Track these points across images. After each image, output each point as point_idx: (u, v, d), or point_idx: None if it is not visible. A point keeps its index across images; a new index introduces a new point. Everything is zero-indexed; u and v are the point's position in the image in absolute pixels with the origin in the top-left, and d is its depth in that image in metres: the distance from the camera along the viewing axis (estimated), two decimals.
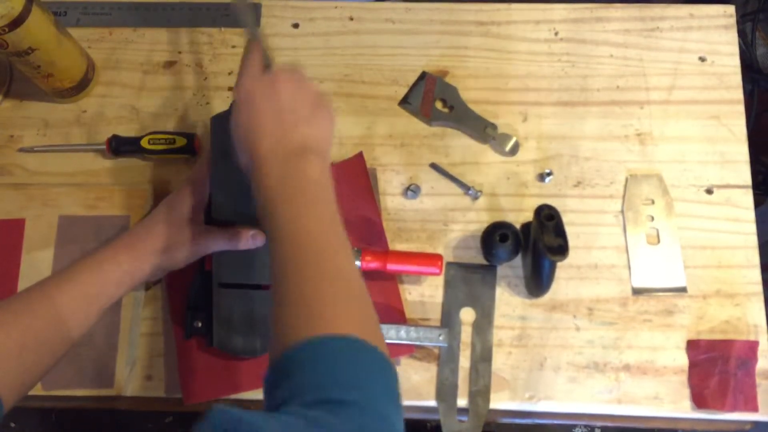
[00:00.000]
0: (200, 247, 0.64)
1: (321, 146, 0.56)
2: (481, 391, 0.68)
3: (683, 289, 0.71)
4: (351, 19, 0.83)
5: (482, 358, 0.69)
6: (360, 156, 0.75)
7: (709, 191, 0.74)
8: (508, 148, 0.76)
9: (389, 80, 0.80)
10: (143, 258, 0.62)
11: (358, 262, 0.67)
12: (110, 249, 0.62)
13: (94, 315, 0.60)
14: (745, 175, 0.75)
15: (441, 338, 0.68)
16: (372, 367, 0.44)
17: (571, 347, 0.69)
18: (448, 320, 0.70)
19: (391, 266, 0.67)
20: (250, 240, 0.65)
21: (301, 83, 0.58)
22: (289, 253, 0.50)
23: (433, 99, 0.78)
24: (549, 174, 0.75)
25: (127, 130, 0.77)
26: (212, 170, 0.67)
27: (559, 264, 0.67)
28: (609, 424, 0.69)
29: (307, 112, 0.57)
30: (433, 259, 0.68)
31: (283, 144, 0.54)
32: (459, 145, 0.77)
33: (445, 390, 0.68)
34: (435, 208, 0.74)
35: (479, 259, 0.72)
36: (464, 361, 0.69)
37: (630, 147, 0.76)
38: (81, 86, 0.78)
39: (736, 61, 0.79)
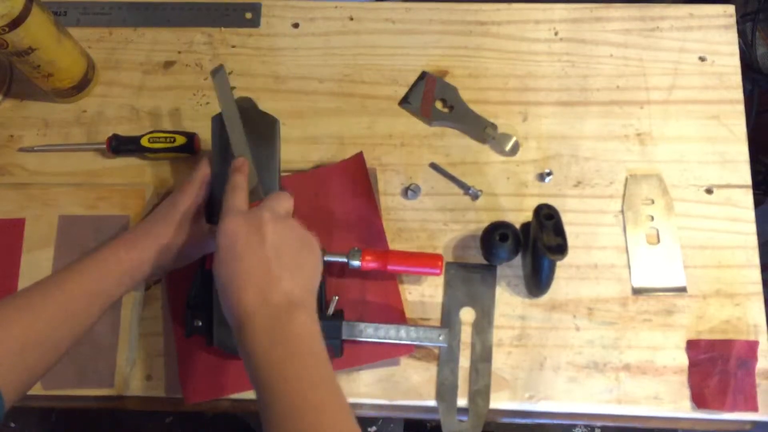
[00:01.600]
0: (202, 246, 0.64)
1: (306, 297, 0.55)
2: (481, 390, 0.68)
3: (683, 289, 0.71)
4: (351, 19, 0.83)
5: (482, 357, 0.69)
6: (360, 156, 0.75)
7: (709, 191, 0.74)
8: (508, 148, 0.76)
9: (389, 80, 0.80)
10: (144, 257, 0.62)
11: (357, 263, 0.67)
12: (111, 247, 0.62)
13: (95, 313, 0.60)
14: (745, 175, 0.75)
15: (441, 338, 0.68)
16: None
17: (571, 347, 0.69)
18: (448, 320, 0.70)
19: (391, 266, 0.67)
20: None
21: (288, 225, 0.57)
22: (284, 417, 0.48)
23: (433, 99, 0.78)
24: (549, 174, 0.75)
25: (126, 130, 0.77)
26: (213, 170, 0.67)
27: (558, 264, 0.67)
28: (609, 423, 0.69)
29: (294, 260, 0.55)
30: (433, 259, 0.68)
31: (268, 299, 0.52)
32: (459, 145, 0.77)
33: (445, 390, 0.68)
34: (435, 208, 0.74)
35: (479, 259, 0.72)
36: (464, 361, 0.69)
37: (630, 147, 0.76)
38: (81, 86, 0.78)
39: (736, 61, 0.79)
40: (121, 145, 0.75)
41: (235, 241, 0.54)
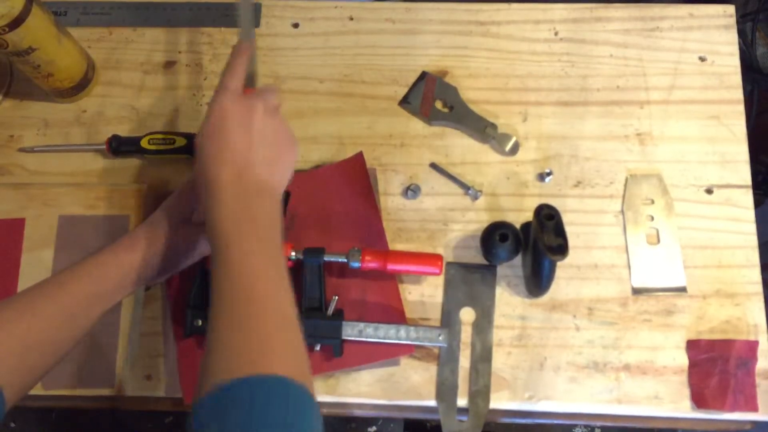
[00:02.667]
0: (201, 248, 0.64)
1: (277, 189, 0.58)
2: (481, 391, 0.68)
3: (683, 289, 0.71)
4: (351, 19, 0.83)
5: (482, 358, 0.69)
6: (360, 156, 0.75)
7: (709, 191, 0.74)
8: (508, 147, 0.76)
9: (389, 80, 0.80)
10: (144, 259, 0.62)
11: (357, 263, 0.67)
12: (112, 250, 0.62)
13: (95, 316, 0.60)
14: (745, 175, 0.75)
15: (441, 338, 0.68)
16: (300, 407, 0.45)
17: (571, 347, 0.69)
18: (448, 320, 0.70)
19: (391, 266, 0.67)
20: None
21: (275, 119, 0.59)
22: (234, 289, 0.51)
23: (433, 99, 0.78)
24: (549, 174, 0.75)
25: (127, 130, 0.77)
26: None
27: (558, 264, 0.67)
28: (609, 424, 0.69)
29: (273, 152, 0.58)
30: (433, 259, 0.68)
31: (243, 178, 0.55)
32: (459, 145, 0.77)
33: (445, 390, 0.68)
34: (435, 208, 0.74)
35: (479, 258, 0.72)
36: (464, 361, 0.69)
37: (630, 147, 0.76)
38: (81, 86, 0.78)
39: (736, 61, 0.79)
40: (120, 146, 0.75)
41: (226, 119, 0.57)
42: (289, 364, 0.47)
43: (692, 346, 0.69)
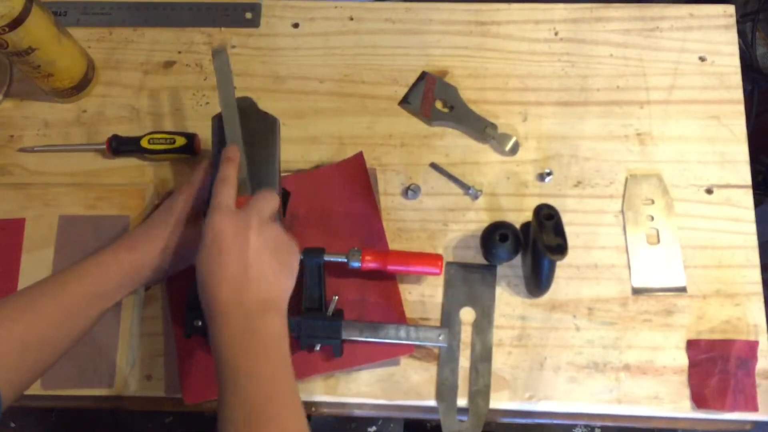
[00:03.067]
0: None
1: (280, 301, 0.58)
2: (481, 390, 0.68)
3: (683, 289, 0.71)
4: (351, 19, 0.83)
5: (482, 357, 0.69)
6: (360, 156, 0.75)
7: (709, 191, 0.74)
8: (508, 147, 0.76)
9: (389, 80, 0.80)
10: (145, 260, 0.62)
11: (357, 263, 0.67)
12: (112, 250, 0.62)
13: (94, 315, 0.60)
14: (745, 175, 0.75)
15: (441, 338, 0.68)
16: None
17: (571, 347, 0.69)
18: (448, 320, 0.70)
19: (391, 266, 0.67)
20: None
21: (272, 230, 0.59)
22: (243, 409, 0.51)
23: (433, 99, 0.78)
24: (549, 174, 0.75)
25: (127, 130, 0.77)
26: (213, 170, 0.67)
27: (558, 264, 0.67)
28: (609, 424, 0.69)
29: (272, 267, 0.57)
30: (433, 259, 0.68)
31: (244, 297, 0.55)
32: (459, 145, 0.77)
33: (445, 390, 0.68)
34: (435, 208, 0.74)
35: (479, 258, 0.72)
36: (464, 361, 0.69)
37: (630, 147, 0.76)
38: (81, 86, 0.78)
39: (736, 61, 0.79)
40: (120, 146, 0.75)
41: (221, 239, 0.56)
42: None
43: (692, 346, 0.69)
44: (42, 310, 0.57)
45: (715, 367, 0.68)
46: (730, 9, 0.82)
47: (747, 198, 0.74)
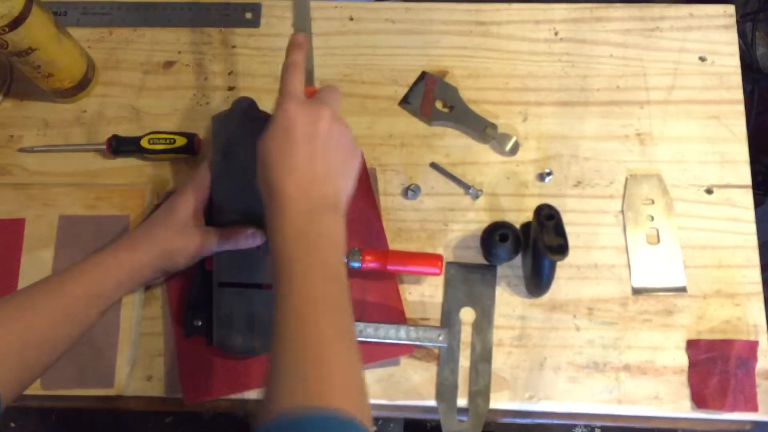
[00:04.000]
0: (201, 249, 0.64)
1: (342, 202, 0.57)
2: (481, 391, 0.68)
3: (683, 289, 0.71)
4: (351, 19, 0.83)
5: (482, 358, 0.69)
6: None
7: (709, 191, 0.74)
8: (508, 147, 0.76)
9: (389, 80, 0.80)
10: (144, 260, 0.62)
11: (357, 263, 0.67)
12: (112, 250, 0.62)
13: (94, 315, 0.60)
14: (745, 175, 0.75)
15: (441, 338, 0.68)
16: None
17: (571, 347, 0.69)
18: (448, 320, 0.70)
19: (391, 266, 0.67)
20: (249, 239, 0.65)
21: (341, 126, 0.57)
22: (296, 310, 0.50)
23: (433, 99, 0.78)
24: (549, 174, 0.75)
25: (127, 130, 0.77)
26: (213, 171, 0.67)
27: (558, 264, 0.67)
28: (609, 424, 0.69)
29: (339, 163, 0.57)
30: (433, 259, 0.68)
31: (310, 193, 0.54)
32: (459, 145, 0.77)
33: (445, 390, 0.68)
34: (435, 208, 0.74)
35: (479, 258, 0.72)
36: (464, 361, 0.69)
37: (630, 147, 0.76)
38: (81, 86, 0.78)
39: (736, 61, 0.79)
40: (120, 146, 0.75)
41: (294, 125, 0.55)
42: (352, 400, 0.46)
43: (692, 346, 0.69)
44: (41, 309, 0.56)
45: (715, 367, 0.68)
46: (730, 9, 0.82)
47: (747, 198, 0.74)
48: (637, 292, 0.71)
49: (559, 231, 0.61)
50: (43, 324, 0.56)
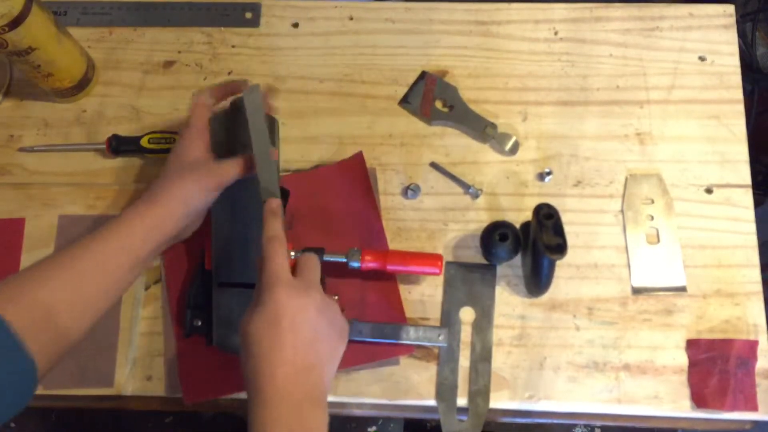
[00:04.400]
0: (218, 180, 0.64)
1: (327, 391, 0.55)
2: (480, 390, 0.68)
3: (683, 289, 0.71)
4: (351, 18, 0.83)
5: (482, 357, 0.69)
6: (360, 156, 0.75)
7: (709, 191, 0.74)
8: (507, 147, 0.76)
9: (389, 80, 0.80)
10: (166, 212, 0.62)
11: (357, 263, 0.67)
12: (133, 207, 0.62)
13: (127, 272, 0.60)
14: (745, 175, 0.75)
15: (441, 338, 0.68)
16: None
17: (570, 347, 0.69)
18: (448, 320, 0.70)
19: (391, 266, 0.67)
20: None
21: (331, 312, 0.56)
22: None
23: (433, 99, 0.78)
24: (549, 173, 0.75)
25: (127, 130, 0.77)
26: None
27: (558, 263, 0.67)
28: (609, 423, 0.69)
29: (328, 351, 0.55)
30: (433, 258, 0.68)
31: (299, 384, 0.52)
32: (459, 145, 0.77)
33: (445, 389, 0.68)
34: (435, 208, 0.74)
35: (479, 258, 0.72)
36: (464, 361, 0.69)
37: (630, 147, 0.76)
38: (81, 86, 0.78)
39: (736, 61, 0.79)
40: (120, 146, 0.75)
41: (283, 315, 0.53)
42: None
43: (692, 345, 0.69)
44: (68, 269, 0.56)
45: (714, 367, 0.67)
46: (730, 9, 0.82)
47: (747, 198, 0.74)
48: (637, 291, 0.71)
49: (558, 230, 0.61)
50: (70, 287, 0.56)
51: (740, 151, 0.76)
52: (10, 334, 0.51)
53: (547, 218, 0.62)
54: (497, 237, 0.67)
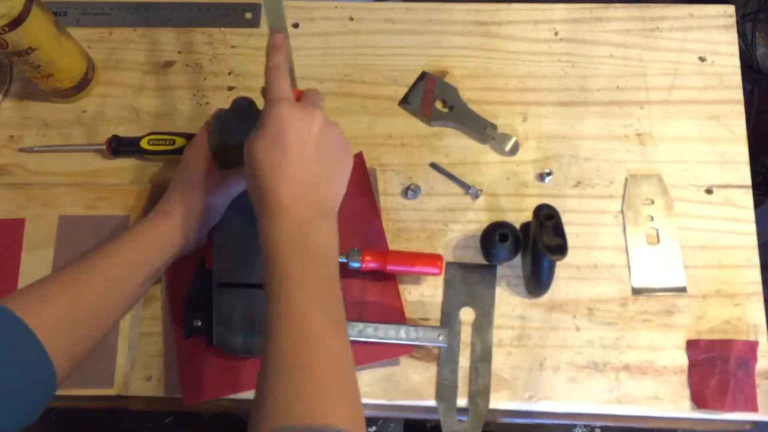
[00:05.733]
0: (228, 191, 0.65)
1: (334, 208, 0.56)
2: (480, 391, 0.68)
3: (683, 289, 0.71)
4: (351, 19, 0.83)
5: (482, 357, 0.69)
6: (360, 156, 0.75)
7: (709, 191, 0.74)
8: (507, 148, 0.76)
9: (389, 80, 0.80)
10: (178, 223, 0.63)
11: (357, 263, 0.67)
12: (148, 219, 0.63)
13: (140, 284, 0.61)
14: (745, 175, 0.75)
15: (441, 338, 0.68)
16: None
17: (570, 347, 0.69)
18: (448, 320, 0.70)
19: (391, 266, 0.67)
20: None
21: (334, 131, 0.57)
22: (292, 330, 0.49)
23: (433, 99, 0.78)
24: (549, 174, 0.75)
25: (127, 130, 0.77)
26: (216, 166, 0.67)
27: (558, 264, 0.67)
28: (609, 424, 0.69)
29: (332, 167, 0.56)
30: (433, 259, 0.68)
31: (304, 199, 0.53)
32: (459, 145, 0.77)
33: (445, 390, 0.68)
34: (435, 208, 0.74)
35: (479, 258, 0.72)
36: (464, 361, 0.69)
37: (630, 147, 0.76)
38: (81, 86, 0.78)
39: (736, 61, 0.79)
40: (120, 147, 0.75)
41: (286, 130, 0.53)
42: (346, 417, 0.45)
43: (692, 346, 0.69)
44: (87, 282, 0.57)
45: (715, 368, 0.67)
46: (730, 9, 0.82)
47: (747, 198, 0.74)
48: (636, 292, 0.71)
49: (558, 231, 0.61)
50: (89, 297, 0.56)
51: (740, 151, 0.76)
52: (35, 340, 0.51)
53: (547, 219, 0.62)
54: (497, 237, 0.67)
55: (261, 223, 0.53)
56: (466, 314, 0.70)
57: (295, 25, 0.83)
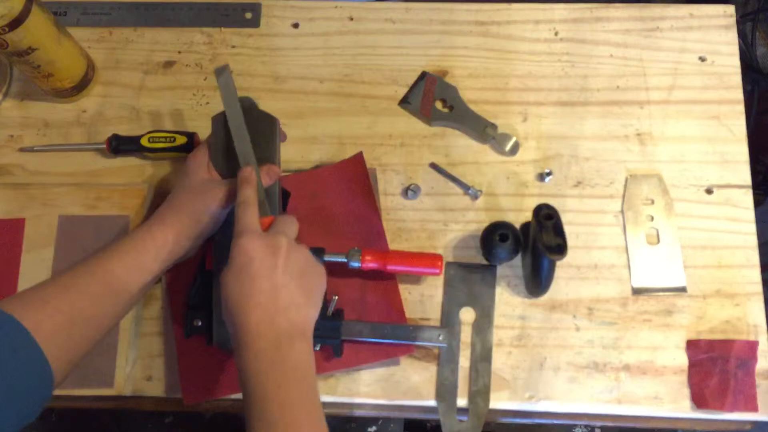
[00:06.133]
0: (223, 203, 0.65)
1: (308, 328, 0.57)
2: (480, 390, 0.68)
3: (683, 289, 0.71)
4: (351, 19, 0.83)
5: (482, 357, 0.69)
6: (360, 156, 0.75)
7: (709, 191, 0.74)
8: (507, 147, 0.76)
9: (389, 80, 0.80)
10: (175, 230, 0.63)
11: (357, 263, 0.67)
12: (146, 226, 0.63)
13: (136, 290, 0.61)
14: (745, 175, 0.75)
15: (441, 338, 0.68)
16: None
17: (571, 347, 0.69)
18: (448, 320, 0.70)
19: (391, 266, 0.67)
20: (265, 177, 0.65)
21: (300, 254, 0.58)
22: None
23: (433, 99, 0.78)
24: (549, 174, 0.75)
25: (126, 130, 0.77)
26: (216, 169, 0.67)
27: (558, 264, 0.67)
28: (609, 424, 0.69)
29: (301, 291, 0.57)
30: (433, 259, 0.68)
31: (274, 325, 0.54)
32: (459, 145, 0.77)
33: (445, 390, 0.68)
34: (435, 208, 0.74)
35: (479, 258, 0.72)
36: (464, 361, 0.69)
37: (630, 147, 0.76)
38: (81, 86, 0.78)
39: (736, 61, 0.79)
40: (120, 145, 0.75)
41: (251, 261, 0.55)
42: None
43: (692, 346, 0.69)
44: (85, 287, 0.58)
45: (715, 367, 0.68)
46: (730, 9, 0.82)
47: (747, 198, 0.74)
48: (637, 292, 0.71)
49: (558, 231, 0.61)
50: (87, 301, 0.57)
51: (740, 151, 0.76)
52: (33, 342, 0.52)
53: (547, 219, 0.62)
54: (497, 237, 0.67)
55: (236, 351, 0.54)
56: (466, 314, 0.70)
57: (295, 25, 0.83)
